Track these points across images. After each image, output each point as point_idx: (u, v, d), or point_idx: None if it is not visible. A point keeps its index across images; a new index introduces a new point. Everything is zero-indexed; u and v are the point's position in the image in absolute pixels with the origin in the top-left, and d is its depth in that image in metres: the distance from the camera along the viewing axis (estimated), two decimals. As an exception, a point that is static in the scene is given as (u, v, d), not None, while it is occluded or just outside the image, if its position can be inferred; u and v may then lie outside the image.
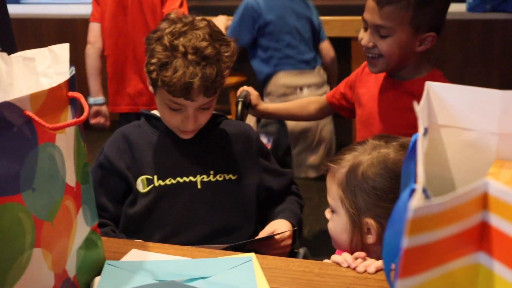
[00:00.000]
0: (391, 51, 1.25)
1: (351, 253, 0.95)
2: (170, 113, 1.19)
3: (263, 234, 1.20)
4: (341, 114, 1.57)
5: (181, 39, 1.12)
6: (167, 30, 1.14)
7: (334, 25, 2.66)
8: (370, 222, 0.92)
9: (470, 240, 0.39)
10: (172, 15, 1.19)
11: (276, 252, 1.18)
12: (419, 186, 0.38)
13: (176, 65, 1.10)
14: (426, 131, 0.50)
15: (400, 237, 0.38)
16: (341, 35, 2.66)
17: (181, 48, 1.11)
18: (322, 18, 2.67)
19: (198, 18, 1.19)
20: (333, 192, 0.97)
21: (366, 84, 1.43)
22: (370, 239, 0.94)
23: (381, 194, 0.91)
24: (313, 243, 2.42)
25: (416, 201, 0.35)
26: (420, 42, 1.25)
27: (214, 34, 1.16)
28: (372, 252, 0.95)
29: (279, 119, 1.70)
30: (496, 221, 0.38)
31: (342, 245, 0.99)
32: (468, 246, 0.39)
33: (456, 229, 0.37)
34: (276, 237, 1.18)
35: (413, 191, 0.40)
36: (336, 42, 2.95)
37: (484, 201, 0.38)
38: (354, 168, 0.94)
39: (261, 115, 1.64)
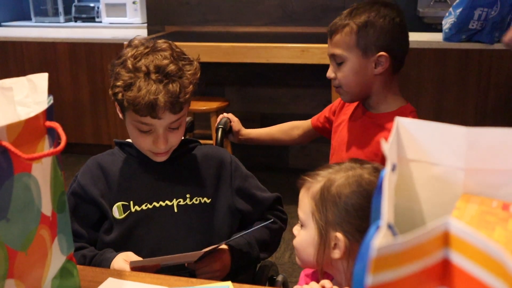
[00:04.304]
0: (347, 78, 1.33)
1: (316, 267, 0.97)
2: (140, 136, 1.20)
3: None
4: (326, 136, 1.61)
5: (143, 60, 1.15)
6: (130, 54, 1.17)
7: (313, 52, 2.71)
8: (339, 236, 0.94)
9: (432, 276, 0.40)
10: (135, 41, 1.21)
11: (207, 274, 1.17)
12: (383, 223, 0.40)
13: (140, 84, 1.13)
14: (394, 167, 0.52)
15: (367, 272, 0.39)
16: (320, 62, 2.71)
17: (144, 68, 1.14)
18: (302, 45, 2.72)
19: (160, 41, 1.21)
20: (305, 205, 1.00)
21: (345, 111, 1.49)
22: (337, 254, 0.95)
23: (352, 210, 0.93)
24: (295, 267, 2.42)
25: (379, 240, 0.37)
26: (375, 64, 1.31)
27: (176, 53, 1.19)
28: (337, 268, 0.97)
29: (262, 144, 1.71)
30: (457, 258, 0.39)
31: (306, 260, 1.01)
32: (430, 283, 0.40)
33: (419, 266, 0.39)
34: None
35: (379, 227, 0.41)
36: (316, 69, 3.01)
37: (445, 239, 0.40)
38: (330, 183, 0.97)
39: (244, 141, 1.65)
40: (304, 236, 1.00)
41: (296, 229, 1.04)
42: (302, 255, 1.01)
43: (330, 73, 1.38)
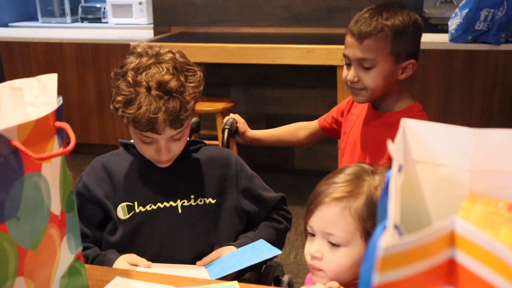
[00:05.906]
0: (376, 83, 1.29)
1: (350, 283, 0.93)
2: (143, 146, 1.20)
3: (207, 260, 1.20)
4: (334, 136, 1.61)
5: (144, 75, 1.12)
6: (132, 65, 1.14)
7: (319, 53, 2.71)
8: None
9: (438, 276, 0.40)
10: (139, 49, 1.18)
11: None
12: (390, 223, 0.40)
13: (140, 101, 1.11)
14: (400, 167, 0.52)
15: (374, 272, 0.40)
16: (326, 63, 2.71)
17: (144, 84, 1.12)
18: (308, 46, 2.72)
19: (164, 50, 1.18)
20: (347, 225, 0.92)
21: (354, 111, 1.48)
22: None
23: None
24: (300, 268, 2.42)
25: (385, 240, 0.37)
26: (402, 70, 1.30)
27: (179, 65, 1.16)
28: None
29: (268, 145, 1.71)
30: (462, 258, 0.40)
31: (348, 279, 0.94)
32: (436, 282, 0.41)
33: (425, 265, 0.39)
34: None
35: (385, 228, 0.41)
36: (322, 70, 3.01)
37: (451, 238, 0.40)
38: (371, 196, 0.91)
39: (249, 142, 1.65)
40: (349, 256, 0.92)
41: (317, 251, 0.94)
42: (344, 275, 0.93)
43: (352, 77, 1.30)
